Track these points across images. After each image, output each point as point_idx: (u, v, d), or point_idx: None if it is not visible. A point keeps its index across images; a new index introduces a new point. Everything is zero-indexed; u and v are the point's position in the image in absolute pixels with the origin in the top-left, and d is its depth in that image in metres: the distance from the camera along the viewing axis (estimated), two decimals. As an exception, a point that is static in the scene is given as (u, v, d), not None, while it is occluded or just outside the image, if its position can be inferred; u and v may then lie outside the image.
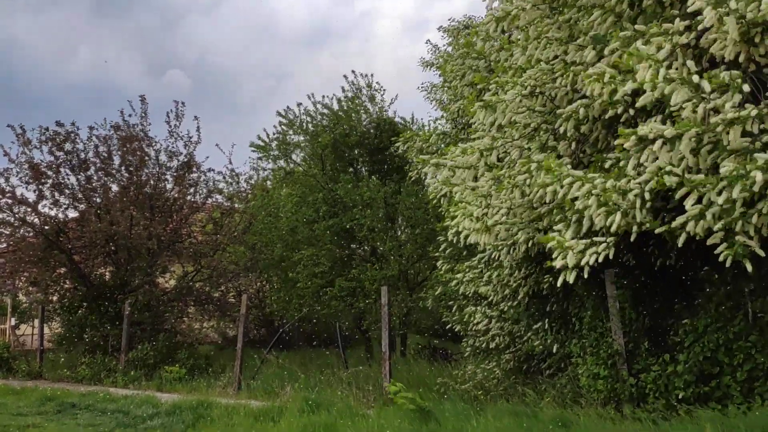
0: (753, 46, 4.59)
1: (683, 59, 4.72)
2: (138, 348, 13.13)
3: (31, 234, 14.48)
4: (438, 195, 7.56)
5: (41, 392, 10.64)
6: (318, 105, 15.09)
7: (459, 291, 9.25)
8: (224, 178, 17.36)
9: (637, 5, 5.44)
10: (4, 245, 15.19)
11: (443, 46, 13.09)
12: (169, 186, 15.71)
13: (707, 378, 5.95)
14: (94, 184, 14.87)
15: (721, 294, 6.18)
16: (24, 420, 8.31)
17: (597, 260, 5.02)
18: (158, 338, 13.52)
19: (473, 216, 6.33)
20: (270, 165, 17.15)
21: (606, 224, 4.89)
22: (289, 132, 15.66)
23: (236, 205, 17.54)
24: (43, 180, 14.27)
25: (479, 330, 9.08)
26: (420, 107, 77.54)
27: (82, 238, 14.41)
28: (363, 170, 15.68)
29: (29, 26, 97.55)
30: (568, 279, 5.18)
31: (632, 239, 5.02)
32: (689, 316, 6.36)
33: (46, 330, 15.68)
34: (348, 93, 15.09)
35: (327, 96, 15.63)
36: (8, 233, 14.42)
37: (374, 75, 20.53)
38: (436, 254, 10.30)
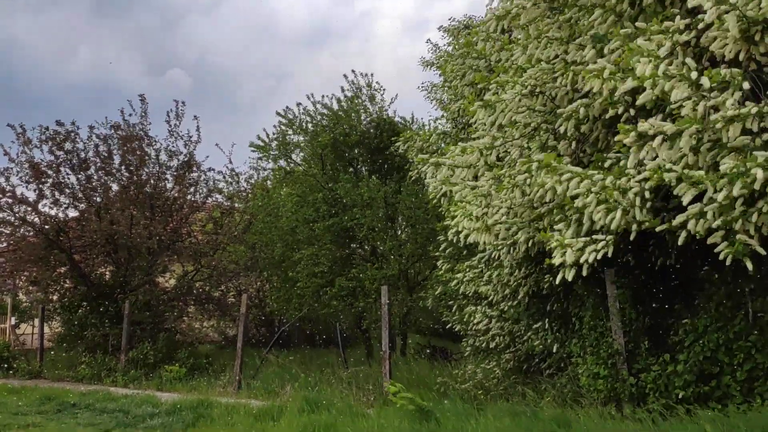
0: (753, 45, 4.59)
1: (683, 57, 4.71)
2: (138, 347, 13.14)
3: (32, 233, 14.48)
4: (438, 194, 7.56)
5: (41, 391, 10.64)
6: (318, 105, 15.07)
7: (459, 290, 9.25)
8: (224, 178, 17.37)
9: (638, 4, 5.44)
10: (5, 244, 15.18)
11: (443, 46, 13.11)
12: (170, 185, 15.73)
13: (707, 378, 5.96)
14: (95, 184, 14.87)
15: (721, 294, 6.18)
16: (24, 419, 8.31)
17: (596, 258, 5.02)
18: (158, 338, 13.55)
19: (473, 215, 6.33)
20: (270, 165, 17.16)
21: (606, 222, 4.89)
22: (289, 132, 15.65)
23: (236, 205, 17.52)
24: (44, 179, 14.27)
25: (479, 329, 9.08)
26: (420, 107, 77.63)
27: (83, 238, 14.42)
28: (363, 170, 15.65)
29: (29, 26, 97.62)
30: (567, 277, 5.18)
31: (632, 238, 5.02)
32: (689, 316, 6.37)
33: (47, 329, 15.69)
34: (348, 93, 15.07)
35: (327, 96, 15.58)
36: (8, 232, 14.42)
37: (374, 75, 20.44)
38: (437, 254, 10.30)
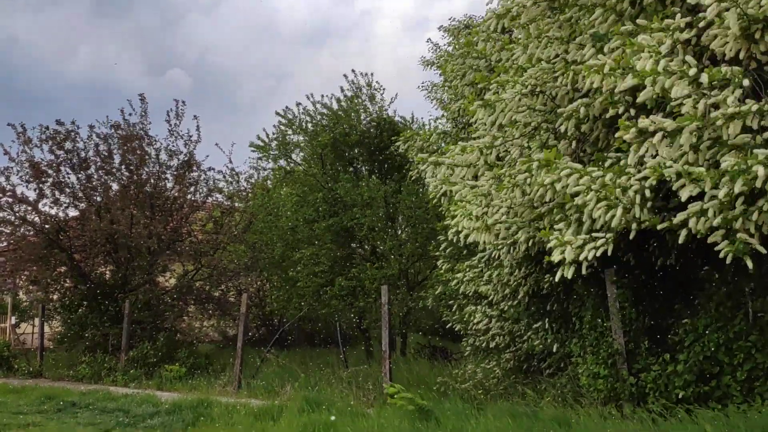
0: (753, 43, 4.59)
1: (683, 55, 4.71)
2: (138, 347, 13.13)
3: (32, 233, 14.47)
4: (438, 194, 7.55)
5: (41, 391, 10.65)
6: (317, 105, 15.06)
7: (459, 290, 9.24)
8: (224, 177, 17.34)
9: (638, 3, 5.44)
10: (5, 244, 15.18)
11: (444, 46, 13.11)
12: (170, 185, 15.70)
13: (707, 378, 5.96)
14: (95, 183, 14.85)
15: (722, 293, 6.18)
16: (24, 418, 8.31)
17: (596, 255, 5.01)
18: (158, 337, 13.53)
19: (473, 215, 6.33)
20: (270, 165, 17.16)
21: (606, 219, 4.88)
22: (288, 132, 15.64)
23: (236, 204, 17.50)
24: (44, 179, 14.26)
25: (479, 329, 9.08)
26: (420, 107, 77.59)
27: (83, 237, 14.41)
28: (363, 169, 15.65)
29: (29, 26, 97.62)
30: (567, 274, 5.16)
31: (631, 237, 5.01)
32: (689, 316, 6.37)
33: (47, 329, 15.69)
34: (347, 92, 15.06)
35: (326, 96, 15.50)
36: (9, 232, 14.41)
37: (374, 74, 20.37)
38: (437, 253, 10.29)
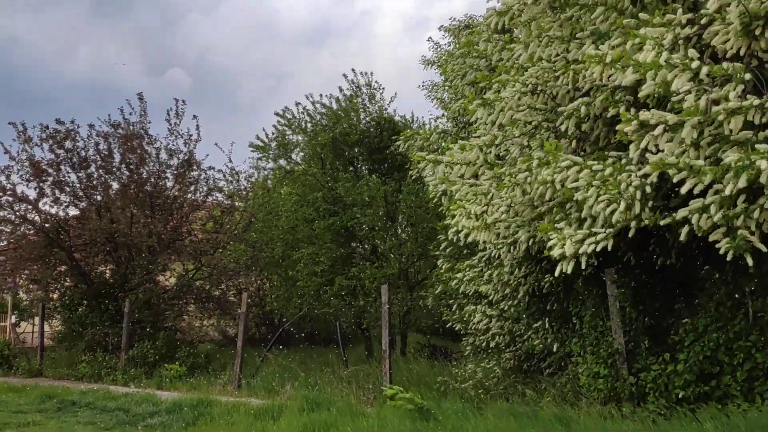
0: (754, 40, 4.58)
1: (685, 51, 4.69)
2: (138, 346, 13.14)
3: (32, 232, 14.48)
4: (437, 193, 7.54)
5: (41, 390, 10.66)
6: (317, 105, 15.05)
7: (459, 290, 9.24)
8: (224, 177, 17.36)
9: (639, 1, 5.43)
10: (5, 243, 15.19)
11: (444, 45, 13.09)
12: (170, 184, 15.70)
13: (707, 377, 5.95)
14: (95, 182, 14.86)
15: (722, 293, 6.18)
16: (24, 417, 8.32)
17: (595, 250, 4.97)
18: (158, 336, 13.53)
19: (472, 213, 6.31)
20: (270, 165, 17.15)
21: (606, 215, 4.86)
22: (288, 132, 15.63)
23: (236, 204, 17.50)
24: (44, 177, 14.27)
25: (479, 329, 9.07)
26: (420, 107, 77.45)
27: (83, 236, 14.41)
28: (363, 169, 15.64)
29: (29, 25, 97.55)
30: (566, 269, 5.12)
31: (631, 235, 4.99)
32: (689, 316, 6.36)
33: (47, 328, 15.68)
34: (346, 92, 15.04)
35: (325, 95, 15.46)
36: (9, 231, 14.42)
37: (374, 74, 20.31)
38: (437, 253, 10.29)
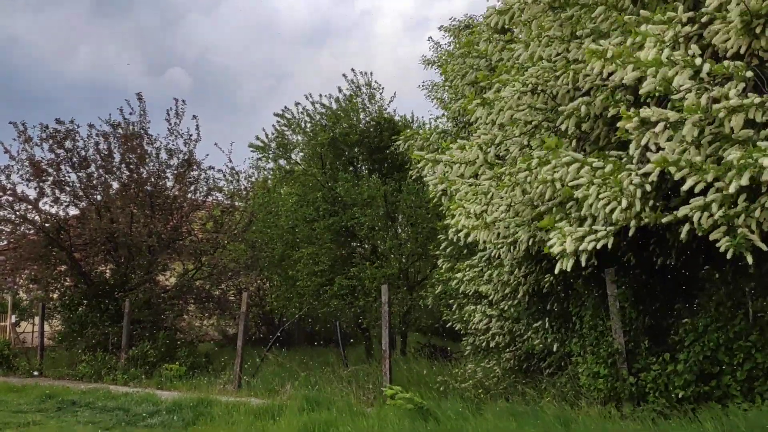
0: (755, 39, 4.57)
1: (686, 49, 4.69)
2: (138, 346, 13.14)
3: (32, 231, 14.47)
4: (437, 192, 7.54)
5: (41, 389, 10.66)
6: (316, 105, 15.05)
7: (459, 289, 9.23)
8: (224, 176, 17.34)
9: (640, 0, 5.43)
10: (5, 242, 15.19)
11: (444, 45, 13.10)
12: (170, 183, 15.69)
13: (707, 377, 5.95)
14: (95, 182, 14.85)
15: (722, 293, 6.17)
16: (24, 417, 8.32)
17: (596, 247, 4.97)
18: (158, 336, 13.52)
19: (472, 213, 6.31)
20: (270, 165, 17.15)
21: (607, 212, 4.85)
22: (287, 132, 15.63)
23: (236, 203, 17.50)
24: (44, 177, 14.26)
25: (479, 329, 9.07)
26: (420, 107, 77.43)
27: (83, 236, 14.41)
28: (363, 169, 15.64)
29: (29, 25, 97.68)
30: (566, 267, 5.12)
31: (631, 233, 4.99)
32: (689, 316, 6.37)
33: (47, 327, 15.69)
34: (346, 92, 15.04)
35: (325, 95, 15.48)
36: (9, 230, 14.41)
37: (374, 74, 20.35)
38: (437, 253, 10.28)
